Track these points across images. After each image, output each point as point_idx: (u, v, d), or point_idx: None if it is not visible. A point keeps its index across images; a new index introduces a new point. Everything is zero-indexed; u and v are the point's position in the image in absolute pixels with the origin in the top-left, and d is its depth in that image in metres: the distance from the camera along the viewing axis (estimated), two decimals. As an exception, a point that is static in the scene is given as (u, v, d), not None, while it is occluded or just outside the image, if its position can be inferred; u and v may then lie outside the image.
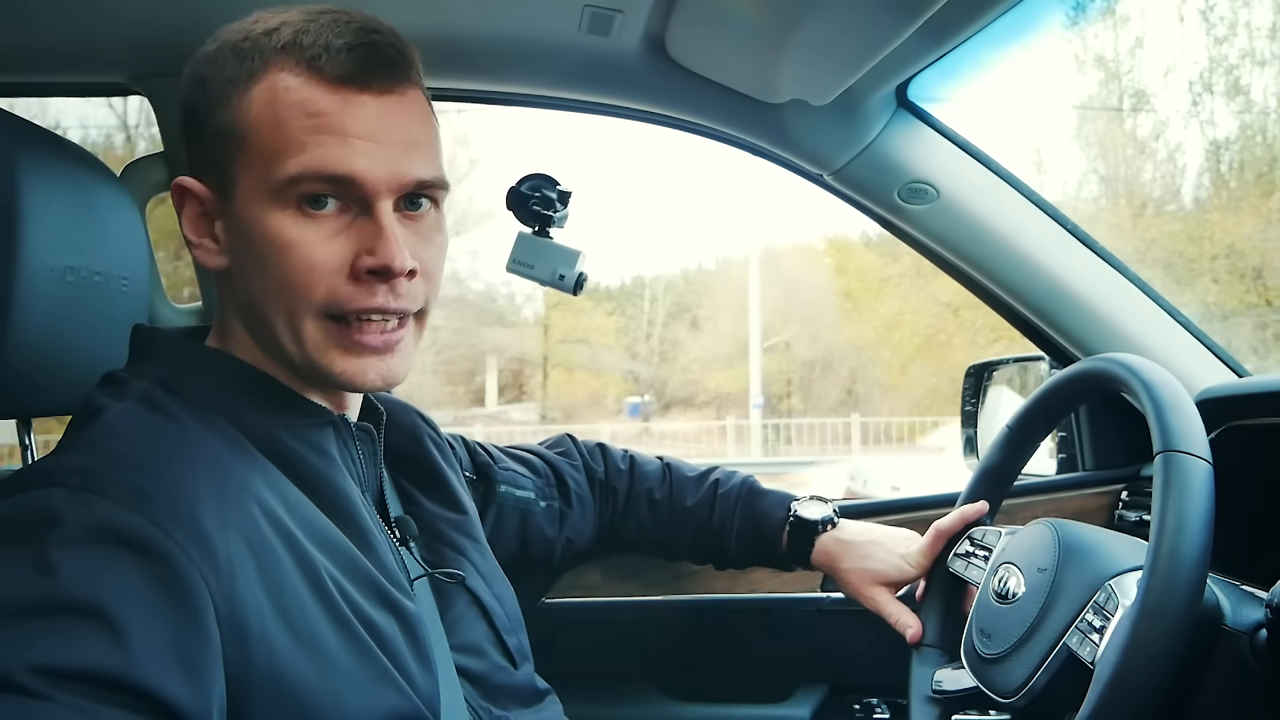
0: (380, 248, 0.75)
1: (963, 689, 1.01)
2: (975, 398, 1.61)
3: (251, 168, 0.74)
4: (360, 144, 0.74)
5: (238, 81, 0.75)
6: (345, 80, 0.74)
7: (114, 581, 0.60)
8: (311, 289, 0.74)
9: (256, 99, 0.74)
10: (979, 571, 1.06)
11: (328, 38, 0.74)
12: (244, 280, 0.78)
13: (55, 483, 0.64)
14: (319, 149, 0.73)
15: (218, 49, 0.77)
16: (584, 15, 1.21)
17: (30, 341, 0.87)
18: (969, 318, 15.81)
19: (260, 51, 0.75)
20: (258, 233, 0.74)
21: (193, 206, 0.79)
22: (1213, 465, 0.80)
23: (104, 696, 0.57)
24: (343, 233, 0.75)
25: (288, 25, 0.75)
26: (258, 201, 0.74)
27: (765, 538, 1.24)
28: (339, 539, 0.75)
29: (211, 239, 0.79)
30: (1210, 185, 14.42)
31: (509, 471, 1.18)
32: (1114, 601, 0.85)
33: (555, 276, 1.23)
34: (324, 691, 0.68)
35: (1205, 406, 0.90)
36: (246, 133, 0.74)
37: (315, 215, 0.74)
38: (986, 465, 1.15)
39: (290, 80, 0.74)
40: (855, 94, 1.26)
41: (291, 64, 0.74)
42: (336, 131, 0.73)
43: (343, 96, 0.74)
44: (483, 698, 0.87)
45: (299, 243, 0.74)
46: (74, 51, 1.32)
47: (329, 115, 0.73)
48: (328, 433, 0.81)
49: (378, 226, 0.75)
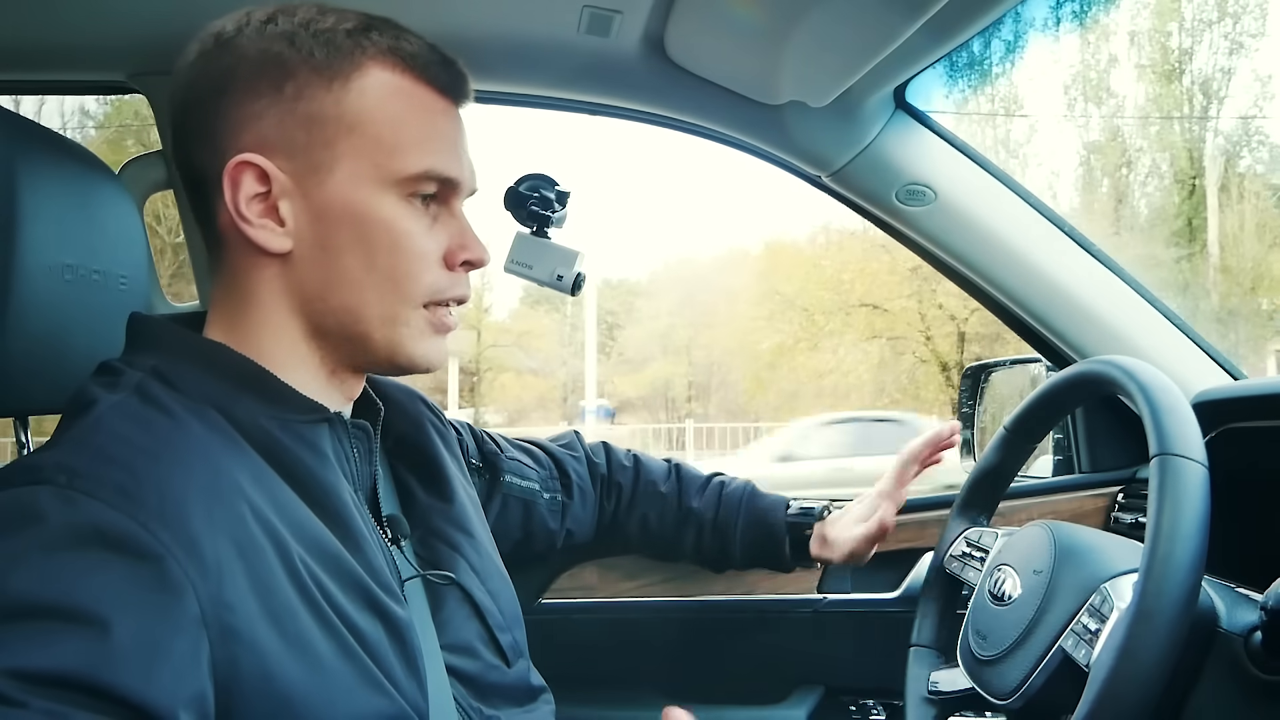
0: (471, 243, 0.83)
1: (959, 690, 1.02)
2: (972, 400, 1.61)
3: (362, 155, 0.77)
4: (455, 151, 0.82)
5: (335, 69, 0.77)
6: (445, 91, 0.82)
7: (97, 583, 0.59)
8: (419, 276, 0.80)
9: (368, 91, 0.77)
10: (975, 573, 1.06)
11: (420, 47, 0.81)
12: (324, 262, 0.78)
13: (42, 480, 0.63)
14: (440, 152, 0.80)
15: (293, 29, 0.77)
16: (583, 15, 1.21)
17: (27, 339, 0.86)
18: (822, 323, 16.14)
19: (359, 46, 0.78)
20: (371, 217, 0.78)
21: (252, 184, 0.77)
22: (1208, 469, 0.80)
23: (81, 701, 0.56)
24: (435, 226, 0.82)
25: (373, 28, 0.79)
26: (368, 188, 0.77)
27: (769, 534, 1.26)
28: (328, 540, 0.75)
29: (274, 219, 0.78)
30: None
31: (514, 461, 1.19)
32: (1109, 604, 0.85)
33: (554, 277, 1.23)
34: (312, 695, 0.68)
35: (1201, 409, 0.90)
36: (359, 121, 0.77)
37: (420, 209, 0.81)
38: (984, 466, 1.15)
39: (401, 82, 0.79)
40: (854, 95, 1.26)
41: (401, 67, 0.79)
42: (445, 137, 0.81)
43: (445, 105, 0.82)
44: (474, 697, 0.86)
45: (413, 231, 0.80)
46: (72, 50, 1.32)
47: (438, 121, 0.81)
48: (323, 429, 0.81)
49: (461, 224, 0.84)
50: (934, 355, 15.92)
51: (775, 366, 16.83)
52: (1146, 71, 16.24)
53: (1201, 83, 16.25)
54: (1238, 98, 16.32)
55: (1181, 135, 16.62)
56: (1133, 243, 15.40)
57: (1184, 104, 16.44)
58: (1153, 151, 16.78)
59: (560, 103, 1.44)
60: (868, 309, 16.08)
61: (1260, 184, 16.04)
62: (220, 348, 0.79)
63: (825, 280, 16.57)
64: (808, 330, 16.54)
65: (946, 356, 15.80)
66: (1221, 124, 16.35)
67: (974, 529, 1.12)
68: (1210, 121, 16.39)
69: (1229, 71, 16.22)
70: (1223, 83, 16.20)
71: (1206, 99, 16.21)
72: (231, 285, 0.81)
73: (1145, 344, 1.39)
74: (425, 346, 0.83)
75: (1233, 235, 15.42)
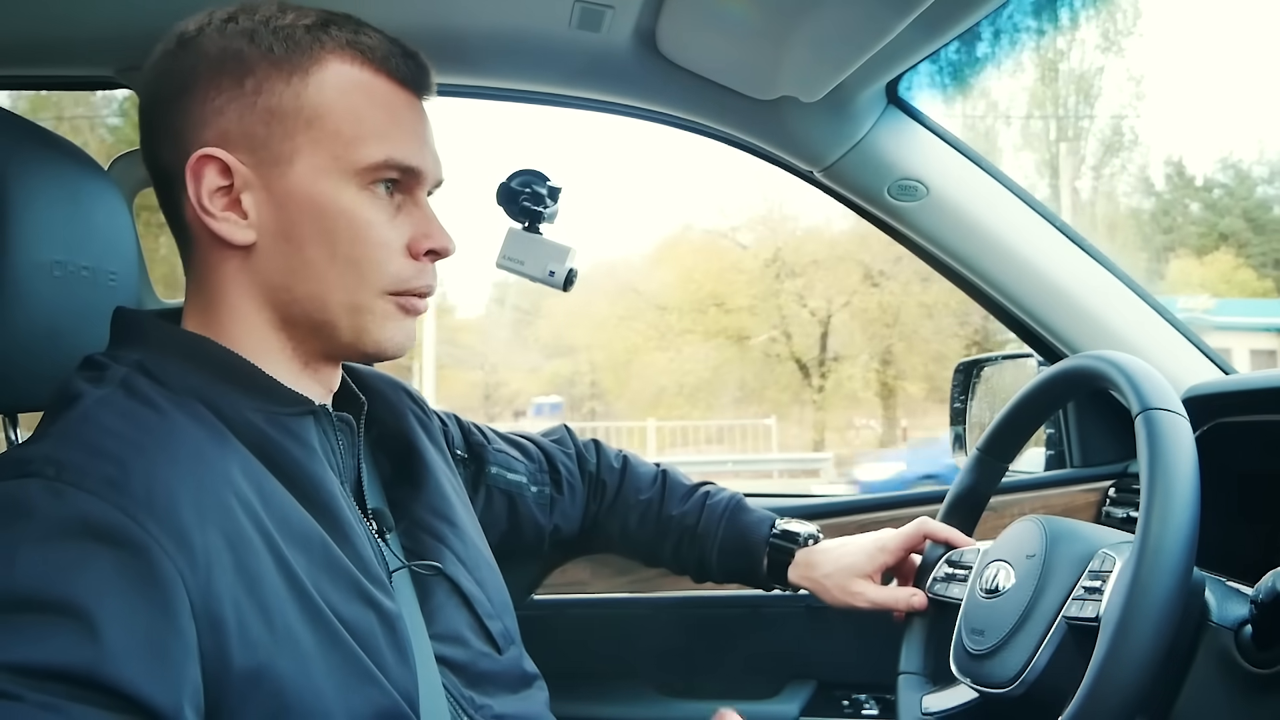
0: (435, 232, 0.84)
1: (951, 708, 1.01)
2: (964, 395, 1.61)
3: (321, 147, 0.78)
4: (418, 141, 0.83)
5: (294, 64, 0.78)
6: (405, 83, 0.83)
7: (87, 576, 0.60)
8: (382, 264, 0.81)
9: (326, 84, 0.79)
10: (961, 588, 1.05)
11: (379, 41, 0.82)
12: (288, 253, 0.79)
13: (30, 473, 0.63)
14: (399, 142, 0.81)
15: (253, 26, 0.79)
16: (574, 11, 1.21)
17: (16, 336, 0.86)
18: (674, 321, 16.06)
19: (317, 41, 0.79)
20: (331, 208, 0.79)
21: (214, 178, 0.78)
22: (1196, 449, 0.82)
23: (75, 694, 0.56)
24: (398, 216, 0.83)
25: (333, 22, 0.81)
26: (329, 179, 0.78)
27: (748, 550, 1.22)
28: (316, 533, 0.75)
29: (236, 212, 0.79)
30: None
31: (501, 454, 1.18)
32: (1110, 561, 0.86)
33: (546, 273, 1.22)
34: (303, 686, 0.68)
35: (1192, 404, 0.91)
36: (318, 115, 0.78)
37: (383, 198, 0.81)
38: (959, 490, 1.16)
39: (359, 74, 0.80)
40: (846, 90, 1.26)
41: (361, 60, 0.80)
42: (405, 127, 0.82)
43: (406, 97, 0.83)
44: (465, 685, 0.86)
45: (374, 221, 0.80)
46: (58, 45, 1.31)
47: (398, 112, 0.82)
48: (308, 422, 0.81)
49: (425, 213, 0.84)
50: (792, 354, 15.80)
51: (630, 365, 16.69)
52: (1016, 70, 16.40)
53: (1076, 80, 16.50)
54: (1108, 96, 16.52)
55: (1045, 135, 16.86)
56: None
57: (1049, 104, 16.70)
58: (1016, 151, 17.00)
59: (551, 98, 1.44)
60: (716, 308, 15.90)
61: (1119, 183, 16.35)
62: (205, 341, 0.79)
63: (680, 278, 16.40)
64: (659, 329, 16.38)
65: (805, 354, 15.70)
66: (1085, 123, 16.57)
67: (954, 550, 1.12)
68: (1074, 121, 16.67)
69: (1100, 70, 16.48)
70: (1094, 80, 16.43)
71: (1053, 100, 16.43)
72: (201, 279, 0.82)
73: (1136, 338, 1.39)
74: (391, 331, 0.83)
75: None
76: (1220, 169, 19.84)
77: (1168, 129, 20.92)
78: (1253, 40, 26.35)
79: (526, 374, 20.08)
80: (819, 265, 15.63)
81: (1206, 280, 17.15)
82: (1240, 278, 17.77)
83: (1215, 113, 25.52)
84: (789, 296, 15.60)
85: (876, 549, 1.17)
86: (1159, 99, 22.52)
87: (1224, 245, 18.40)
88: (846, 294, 15.44)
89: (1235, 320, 14.70)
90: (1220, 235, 18.65)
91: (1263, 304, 16.36)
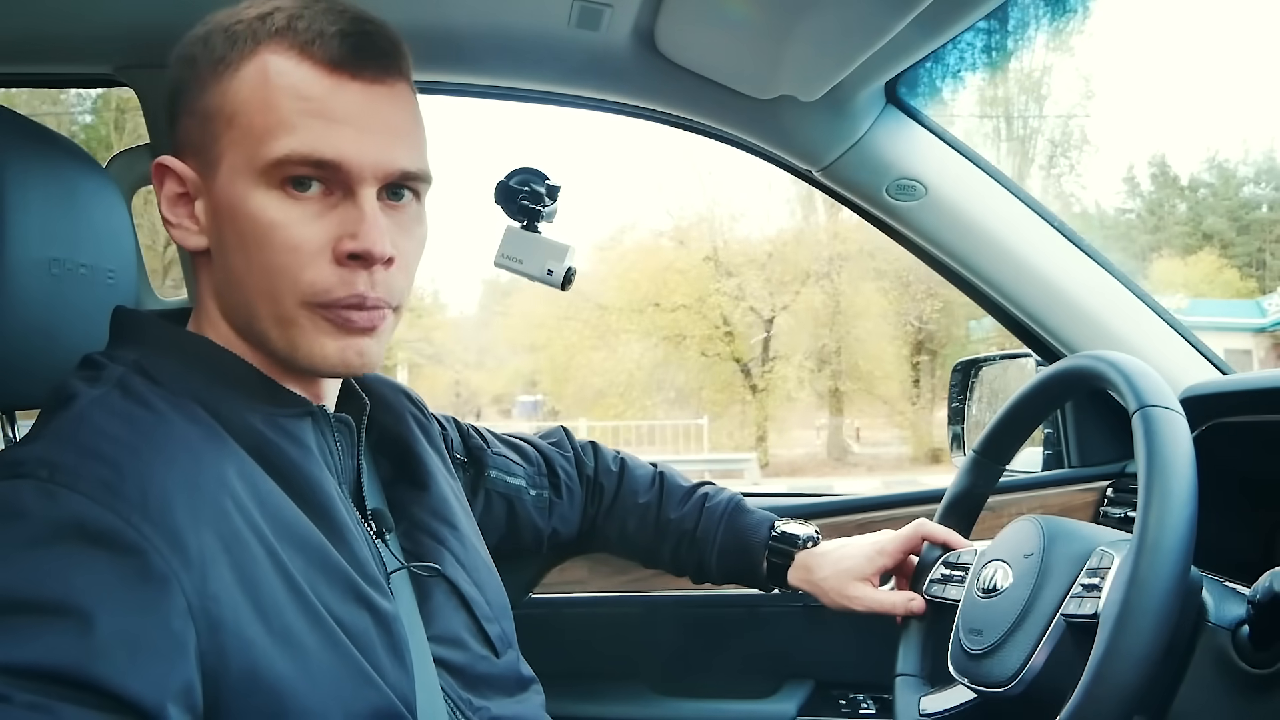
0: (362, 232, 0.74)
1: (949, 709, 1.01)
2: (962, 394, 1.61)
3: (237, 147, 0.74)
4: (348, 130, 0.74)
5: (228, 62, 0.75)
6: (337, 66, 0.74)
7: (79, 578, 0.59)
8: (294, 271, 0.74)
9: (246, 79, 0.74)
10: (958, 589, 1.05)
11: (322, 24, 0.75)
12: (224, 261, 0.77)
13: (23, 475, 0.63)
14: (308, 132, 0.73)
15: (209, 31, 0.77)
16: (573, 9, 1.21)
17: (14, 334, 0.86)
18: (613, 321, 15.93)
19: (253, 34, 0.75)
20: (241, 212, 0.74)
21: (172, 186, 0.78)
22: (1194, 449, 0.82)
23: (64, 694, 0.56)
24: (325, 215, 0.75)
25: (281, 11, 0.76)
26: (242, 181, 0.74)
27: (747, 553, 1.22)
28: (312, 534, 0.75)
29: (191, 219, 0.78)
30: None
31: (501, 457, 1.18)
32: (1108, 558, 0.86)
33: (544, 271, 1.22)
34: (300, 687, 0.68)
35: (1189, 404, 0.91)
36: (235, 112, 0.74)
37: (299, 197, 0.74)
38: (956, 492, 1.16)
39: (282, 63, 0.74)
40: (845, 90, 1.26)
41: (284, 47, 0.74)
42: (325, 115, 0.74)
43: (334, 82, 0.74)
44: (462, 688, 0.86)
45: (282, 223, 0.74)
46: (58, 43, 1.31)
47: (319, 99, 0.74)
48: (305, 423, 0.81)
49: (360, 212, 0.75)
50: (732, 354, 15.71)
51: (569, 364, 16.58)
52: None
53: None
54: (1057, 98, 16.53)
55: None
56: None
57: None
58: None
59: (549, 97, 1.43)
60: (654, 308, 15.78)
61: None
62: (203, 341, 0.79)
63: (620, 278, 16.29)
64: (598, 329, 16.25)
65: (746, 355, 15.63)
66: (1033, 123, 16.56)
67: (952, 552, 1.12)
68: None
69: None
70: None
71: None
72: (198, 282, 0.83)
73: (1134, 338, 1.39)
74: (325, 346, 0.76)
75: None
76: (1206, 168, 19.94)
77: (1153, 129, 21.08)
78: (1219, 42, 26.48)
79: (489, 372, 20.32)
80: (756, 265, 15.67)
81: (1189, 280, 17.23)
82: (1224, 278, 17.86)
83: (1202, 113, 25.59)
84: (724, 296, 15.59)
85: (875, 552, 1.17)
86: (1148, 100, 22.60)
87: (1208, 245, 18.50)
88: (788, 295, 15.48)
89: (1209, 320, 14.80)
90: (1204, 235, 18.74)
91: (1236, 304, 16.44)
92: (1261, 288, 17.82)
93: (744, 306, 15.58)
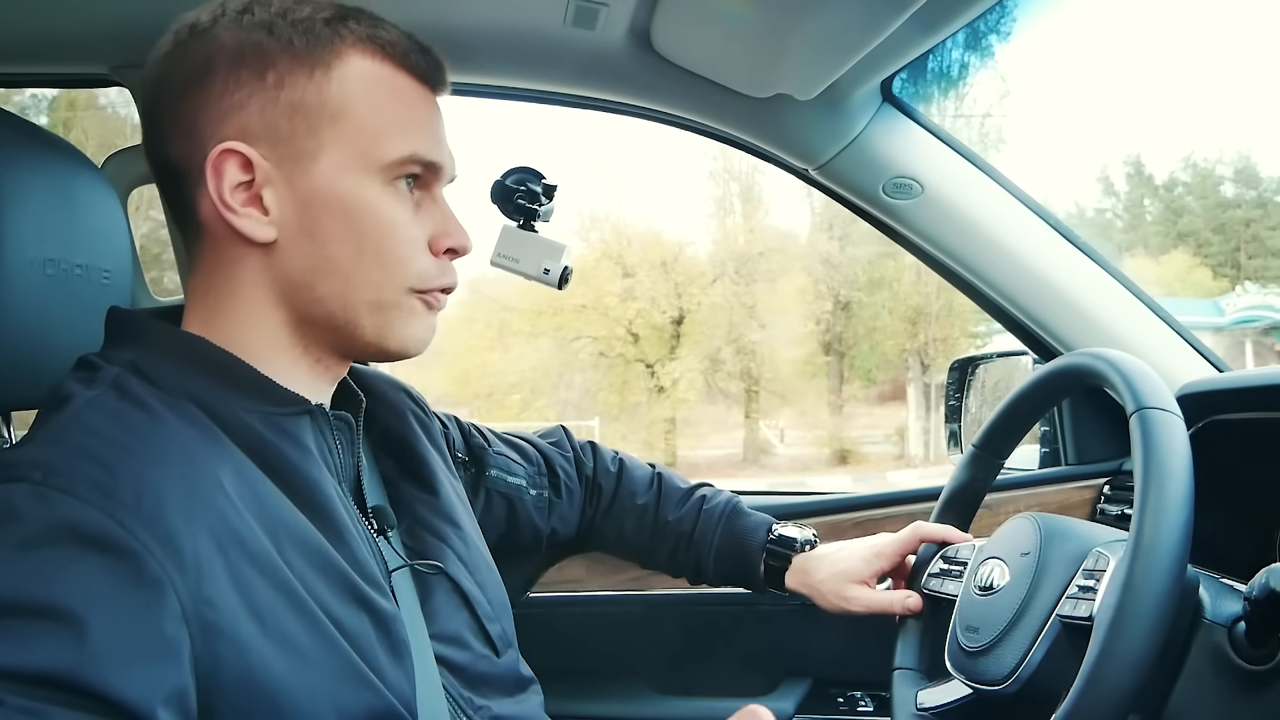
0: (455, 230, 0.84)
1: (946, 703, 1.01)
2: (959, 392, 1.62)
3: (347, 142, 0.77)
4: (441, 138, 0.84)
5: (313, 56, 0.77)
6: (425, 78, 0.83)
7: (73, 581, 0.59)
8: (408, 262, 0.81)
9: (349, 80, 0.78)
10: (956, 584, 1.05)
11: (395, 35, 0.81)
12: (310, 249, 0.78)
13: (16, 478, 0.63)
14: (423, 137, 0.81)
15: (270, 18, 0.77)
16: (569, 8, 1.21)
17: (9, 334, 0.86)
18: (515, 321, 15.73)
19: (334, 33, 0.78)
20: (356, 204, 0.78)
21: (235, 173, 0.76)
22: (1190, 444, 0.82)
23: (57, 698, 0.56)
24: (419, 211, 0.82)
25: (346, 14, 0.80)
26: (353, 175, 0.78)
27: (744, 556, 1.21)
28: (311, 534, 0.74)
29: (257, 208, 0.77)
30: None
31: (502, 457, 1.18)
32: (1104, 560, 0.86)
33: (540, 270, 1.22)
34: (296, 689, 0.67)
35: (1186, 401, 0.91)
36: (342, 109, 0.77)
37: (404, 194, 0.81)
38: (955, 486, 1.15)
39: (380, 69, 0.80)
40: (841, 88, 1.26)
41: (380, 53, 0.80)
42: (423, 123, 0.82)
43: (424, 93, 0.83)
44: (464, 687, 0.86)
45: (398, 218, 0.80)
46: (53, 42, 1.31)
47: (418, 106, 0.82)
48: (304, 422, 0.80)
49: (444, 210, 0.84)
50: (636, 355, 15.51)
51: (466, 364, 16.25)
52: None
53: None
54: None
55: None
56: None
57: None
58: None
59: (545, 96, 1.44)
60: (553, 309, 15.51)
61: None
62: (199, 340, 0.78)
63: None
64: (500, 330, 16.05)
65: (651, 356, 15.44)
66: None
67: (950, 546, 1.12)
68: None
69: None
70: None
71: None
72: (212, 276, 0.80)
73: (1130, 336, 1.39)
74: (415, 328, 0.83)
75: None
76: (1182, 167, 19.94)
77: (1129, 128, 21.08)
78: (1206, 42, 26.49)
79: (410, 368, 20.08)
80: (658, 266, 15.53)
81: (1162, 278, 17.24)
82: (1196, 278, 17.89)
83: (1179, 112, 25.65)
84: (619, 297, 15.42)
85: (872, 555, 1.17)
86: (1124, 97, 22.61)
87: (1181, 245, 18.53)
88: (689, 296, 15.37)
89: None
90: (1179, 235, 18.77)
91: (1194, 304, 16.48)
92: (1234, 288, 17.82)
93: (638, 307, 15.42)
